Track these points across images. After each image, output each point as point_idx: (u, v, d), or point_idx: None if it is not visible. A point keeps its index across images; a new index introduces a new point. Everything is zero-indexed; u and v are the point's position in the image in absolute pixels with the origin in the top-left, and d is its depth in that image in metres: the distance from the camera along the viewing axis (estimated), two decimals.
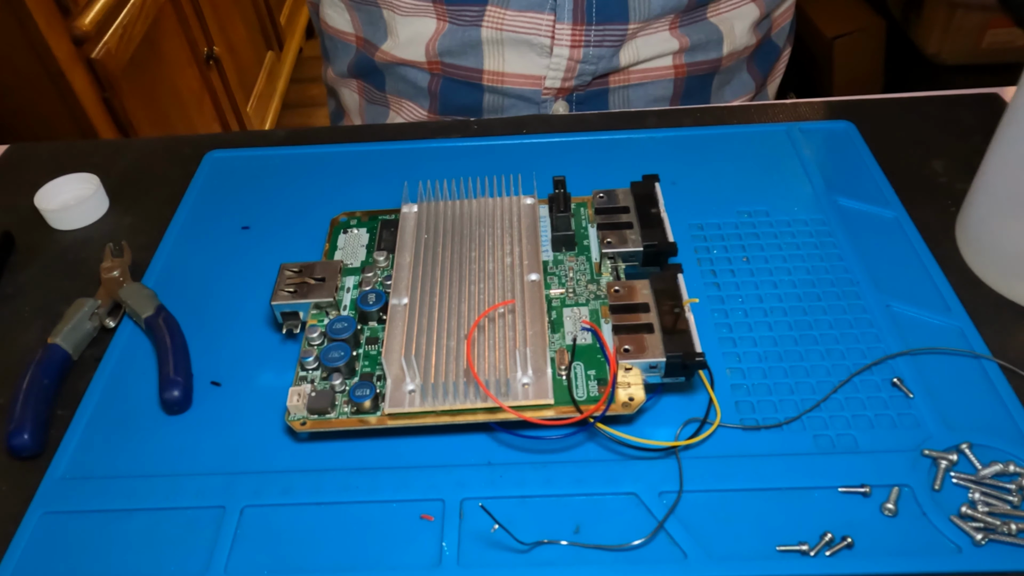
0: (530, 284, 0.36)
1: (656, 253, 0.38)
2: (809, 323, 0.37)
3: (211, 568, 0.30)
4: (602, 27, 0.54)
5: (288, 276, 0.38)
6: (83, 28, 1.07)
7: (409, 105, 0.61)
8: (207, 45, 1.50)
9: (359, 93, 0.65)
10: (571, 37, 0.54)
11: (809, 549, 0.29)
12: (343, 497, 0.32)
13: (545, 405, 0.32)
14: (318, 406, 0.33)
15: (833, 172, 0.46)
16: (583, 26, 0.54)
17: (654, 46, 0.56)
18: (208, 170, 0.50)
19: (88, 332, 0.40)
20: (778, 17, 0.62)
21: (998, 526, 0.29)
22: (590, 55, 0.55)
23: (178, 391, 0.36)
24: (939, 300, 0.38)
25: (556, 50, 0.54)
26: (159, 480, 0.33)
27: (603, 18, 0.53)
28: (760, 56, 0.62)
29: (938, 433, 0.33)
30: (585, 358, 0.34)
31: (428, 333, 0.34)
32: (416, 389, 0.33)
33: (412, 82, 0.59)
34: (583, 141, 0.50)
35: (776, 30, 0.62)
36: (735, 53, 0.58)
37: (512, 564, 0.30)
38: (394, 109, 0.63)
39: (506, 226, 0.39)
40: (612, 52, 0.55)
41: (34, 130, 1.08)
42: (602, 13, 0.53)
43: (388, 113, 0.63)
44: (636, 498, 0.31)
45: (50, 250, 0.46)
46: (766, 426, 0.33)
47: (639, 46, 0.55)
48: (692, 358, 0.32)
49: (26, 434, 0.34)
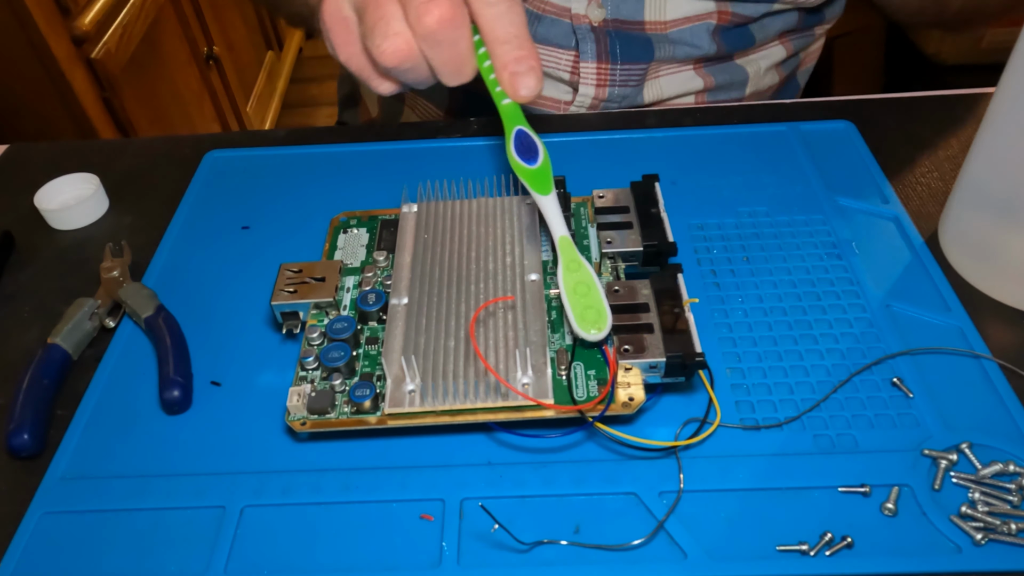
0: (530, 284, 0.36)
1: (656, 253, 0.38)
2: (809, 323, 0.37)
3: (211, 568, 0.30)
4: (627, 66, 0.53)
5: (288, 276, 0.38)
6: (83, 28, 1.07)
7: (425, 104, 0.61)
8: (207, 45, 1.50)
9: None
10: (596, 76, 0.53)
11: (809, 549, 0.29)
12: (343, 497, 0.32)
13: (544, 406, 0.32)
14: (318, 406, 0.33)
15: (833, 172, 0.46)
16: (608, 64, 0.53)
17: (679, 85, 0.55)
18: (208, 170, 0.50)
19: (88, 332, 0.40)
20: (806, 57, 0.62)
21: (998, 526, 0.29)
22: (615, 94, 0.54)
23: (178, 391, 0.36)
24: (939, 300, 0.38)
25: (582, 89, 0.54)
26: (159, 480, 0.33)
27: (628, 58, 0.53)
28: (782, 94, 0.62)
29: (938, 433, 0.33)
30: (585, 358, 0.34)
31: (428, 333, 0.34)
32: (416, 389, 0.33)
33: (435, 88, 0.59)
34: (583, 141, 0.50)
35: (802, 69, 0.62)
36: (758, 93, 0.59)
37: (512, 564, 0.30)
38: (409, 106, 0.63)
39: (506, 226, 0.39)
40: (636, 91, 0.55)
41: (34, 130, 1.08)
42: (626, 53, 0.53)
43: (403, 110, 0.63)
44: (636, 498, 0.31)
45: (50, 250, 0.46)
46: (766, 426, 0.33)
47: (663, 84, 0.55)
48: (692, 358, 0.32)
49: (26, 434, 0.34)
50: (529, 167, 0.37)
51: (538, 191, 0.36)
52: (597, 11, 0.52)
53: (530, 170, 0.37)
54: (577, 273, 0.35)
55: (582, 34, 0.53)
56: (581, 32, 0.53)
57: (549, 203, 0.36)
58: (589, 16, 0.52)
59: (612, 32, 0.53)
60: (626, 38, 0.53)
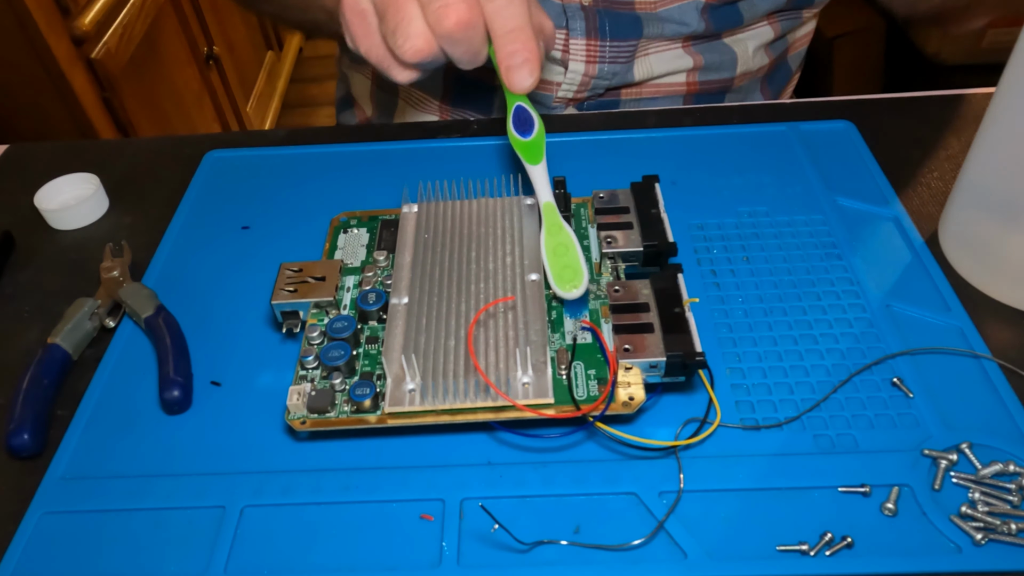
0: (530, 284, 0.36)
1: (656, 253, 0.38)
2: (809, 323, 0.37)
3: (211, 568, 0.30)
4: (616, 43, 0.54)
5: (288, 275, 0.38)
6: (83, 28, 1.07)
7: (419, 94, 0.61)
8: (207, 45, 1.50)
9: (372, 79, 0.65)
10: (586, 53, 0.54)
11: (809, 549, 0.29)
12: (343, 497, 0.32)
13: (545, 404, 0.32)
14: (318, 405, 0.33)
15: (833, 172, 0.46)
16: (597, 41, 0.54)
17: (668, 63, 0.56)
18: (208, 170, 0.50)
19: (88, 332, 0.40)
20: (795, 41, 0.62)
21: (998, 526, 0.29)
22: (605, 71, 0.55)
23: (178, 391, 0.36)
24: (939, 300, 0.38)
25: (572, 65, 0.55)
26: (159, 480, 0.33)
27: (617, 35, 0.54)
28: (773, 78, 0.62)
29: (938, 433, 0.33)
30: (585, 358, 0.34)
31: (428, 332, 0.34)
32: (416, 388, 0.33)
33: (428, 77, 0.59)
34: (583, 141, 0.50)
35: (792, 53, 0.62)
36: (748, 73, 0.59)
37: (512, 564, 0.30)
38: (403, 98, 0.63)
39: (506, 226, 0.39)
40: (626, 68, 0.55)
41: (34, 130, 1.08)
42: (616, 31, 0.54)
43: (398, 103, 0.63)
44: (636, 498, 0.31)
45: (50, 250, 0.46)
46: (766, 426, 0.33)
47: (652, 62, 0.56)
48: (692, 357, 0.32)
49: (26, 434, 0.34)
50: (523, 139, 0.39)
51: (529, 161, 0.39)
52: None
53: (524, 142, 0.40)
54: (558, 236, 0.37)
55: (572, 12, 0.53)
56: (571, 11, 0.53)
57: (538, 172, 0.39)
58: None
59: (602, 11, 0.53)
60: (615, 16, 0.54)
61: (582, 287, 0.35)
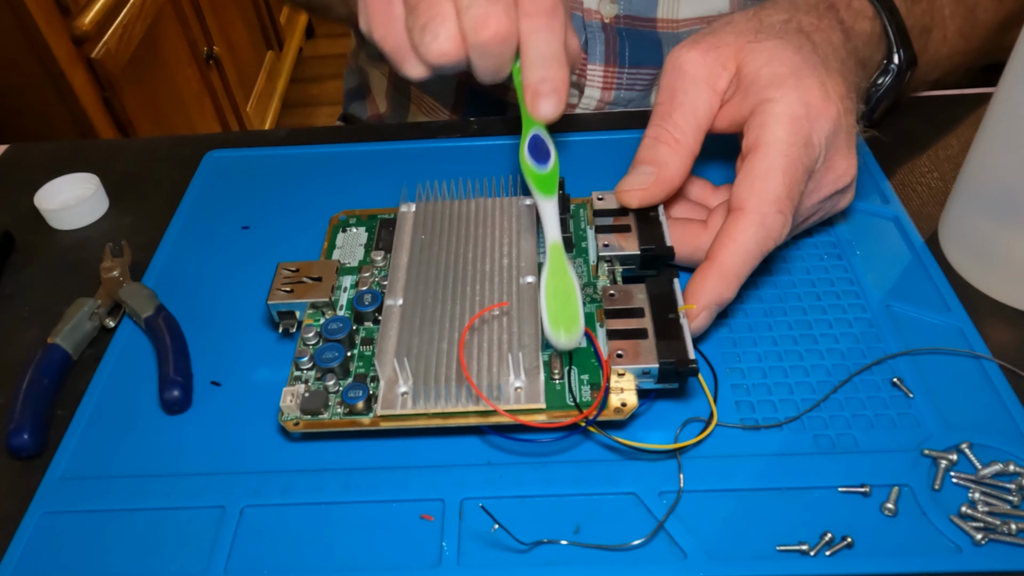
0: (525, 287, 0.36)
1: (654, 257, 0.37)
2: (809, 323, 0.37)
3: (211, 568, 0.30)
4: (634, 70, 0.53)
5: (285, 275, 0.38)
6: (83, 28, 1.07)
7: (431, 102, 0.61)
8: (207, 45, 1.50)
9: (388, 79, 0.65)
10: (603, 80, 0.53)
11: (809, 549, 0.29)
12: (343, 497, 0.32)
13: (537, 410, 0.32)
14: (311, 407, 0.33)
15: None
16: (615, 68, 0.53)
17: None
18: (208, 170, 0.50)
19: (88, 332, 0.40)
20: None
21: (998, 526, 0.29)
22: (620, 97, 0.54)
23: (178, 391, 0.36)
24: (939, 300, 0.38)
25: (588, 91, 0.54)
26: (159, 480, 0.33)
27: (636, 62, 0.52)
28: None
29: (938, 433, 0.33)
30: (579, 362, 0.34)
31: (422, 335, 0.34)
32: (408, 391, 0.33)
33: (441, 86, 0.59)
34: (583, 141, 0.50)
35: None
36: None
37: (512, 564, 0.30)
38: (415, 102, 0.63)
39: (503, 227, 0.39)
40: (643, 95, 0.54)
41: (34, 130, 1.08)
42: (635, 57, 0.52)
43: (410, 107, 0.63)
44: (636, 498, 0.31)
45: (50, 250, 0.46)
46: (766, 426, 0.33)
47: None
48: (685, 365, 0.32)
49: (26, 434, 0.34)
50: (538, 170, 0.37)
51: (543, 193, 0.36)
52: (610, 6, 0.52)
53: (539, 174, 0.37)
54: (561, 280, 0.34)
55: (592, 32, 0.52)
56: (591, 30, 0.52)
57: (549, 207, 0.36)
58: (601, 12, 0.52)
59: (623, 30, 0.52)
60: (636, 37, 0.52)
61: (577, 337, 0.32)
